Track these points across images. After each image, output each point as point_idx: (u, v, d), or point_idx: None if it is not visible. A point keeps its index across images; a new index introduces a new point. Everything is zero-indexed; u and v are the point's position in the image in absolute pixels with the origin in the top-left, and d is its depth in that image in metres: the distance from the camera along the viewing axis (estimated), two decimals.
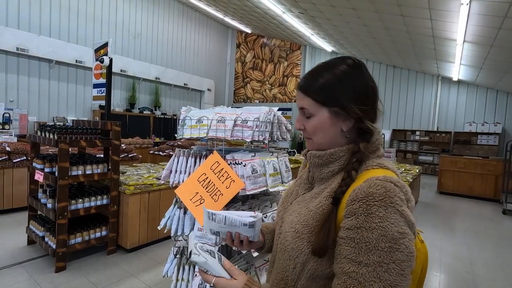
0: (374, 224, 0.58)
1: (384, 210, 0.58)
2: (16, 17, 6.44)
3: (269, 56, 11.97)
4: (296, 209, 0.77)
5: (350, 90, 0.71)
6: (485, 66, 6.66)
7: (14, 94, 6.52)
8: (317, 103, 0.72)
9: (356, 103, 0.70)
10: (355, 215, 0.60)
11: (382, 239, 0.57)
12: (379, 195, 0.59)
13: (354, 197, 0.62)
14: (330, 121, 0.72)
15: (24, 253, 2.98)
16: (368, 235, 0.58)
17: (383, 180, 0.62)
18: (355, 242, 0.59)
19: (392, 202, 0.59)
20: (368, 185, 0.61)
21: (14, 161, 4.18)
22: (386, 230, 0.57)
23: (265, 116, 1.52)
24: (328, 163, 0.74)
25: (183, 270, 1.58)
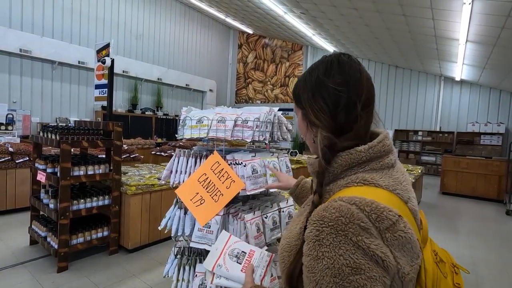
0: (320, 253, 0.51)
1: (333, 238, 0.50)
2: (19, 18, 6.49)
3: (270, 57, 11.97)
4: (291, 223, 0.72)
5: (306, 91, 0.66)
6: (488, 65, 6.62)
7: (17, 95, 6.56)
8: (295, 104, 0.73)
9: (310, 106, 0.65)
10: (307, 239, 0.54)
11: (327, 272, 0.50)
12: (330, 220, 0.52)
13: (309, 220, 0.55)
14: (303, 123, 0.70)
15: (27, 253, 2.99)
16: (314, 264, 0.52)
17: (344, 202, 0.53)
18: (306, 270, 0.54)
19: (344, 229, 0.50)
20: (324, 208, 0.54)
21: (17, 162, 4.21)
22: (332, 262, 0.50)
23: (265, 116, 1.52)
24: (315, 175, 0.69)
25: (183, 271, 1.58)
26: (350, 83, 0.63)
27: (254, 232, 1.42)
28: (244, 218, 1.42)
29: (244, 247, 0.80)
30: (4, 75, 6.35)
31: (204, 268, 1.49)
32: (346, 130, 0.63)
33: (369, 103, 0.65)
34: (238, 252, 0.78)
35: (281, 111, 1.66)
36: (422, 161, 9.40)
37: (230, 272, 0.76)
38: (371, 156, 0.61)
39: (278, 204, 1.64)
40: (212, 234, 1.43)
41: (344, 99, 0.62)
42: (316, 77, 0.65)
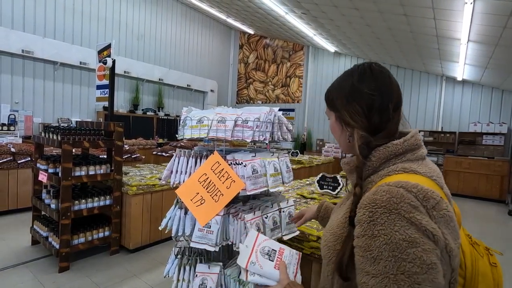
0: (376, 231, 0.56)
1: (387, 217, 0.56)
2: (22, 19, 6.52)
3: (271, 57, 11.97)
4: (332, 218, 0.79)
5: (341, 96, 0.75)
6: (490, 65, 6.59)
7: (19, 96, 6.59)
8: (328, 108, 0.81)
9: (346, 110, 0.73)
10: (359, 222, 0.60)
11: (385, 248, 0.54)
12: (382, 201, 0.57)
13: (360, 205, 0.62)
14: (337, 126, 0.78)
15: (28, 253, 3.01)
16: (370, 243, 0.56)
17: (392, 186, 0.59)
18: (362, 250, 0.58)
19: (397, 208, 0.55)
20: (374, 192, 0.60)
21: (18, 162, 4.22)
22: (389, 238, 0.54)
23: (265, 116, 1.52)
24: (353, 170, 0.74)
25: (183, 271, 1.58)
26: (382, 88, 0.72)
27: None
28: (244, 218, 1.42)
29: (273, 245, 0.83)
30: (7, 76, 6.37)
31: (204, 268, 1.49)
32: (380, 129, 0.71)
33: (399, 105, 0.75)
34: (268, 249, 0.81)
35: (282, 111, 1.66)
36: None
37: (264, 269, 0.78)
38: (406, 148, 0.68)
39: (279, 204, 1.64)
40: (212, 234, 1.43)
41: (377, 102, 0.71)
42: (351, 84, 0.74)
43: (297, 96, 11.46)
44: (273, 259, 0.80)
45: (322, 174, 2.78)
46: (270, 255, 0.81)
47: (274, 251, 0.82)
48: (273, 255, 0.81)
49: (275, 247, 0.83)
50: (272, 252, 0.81)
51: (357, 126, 0.71)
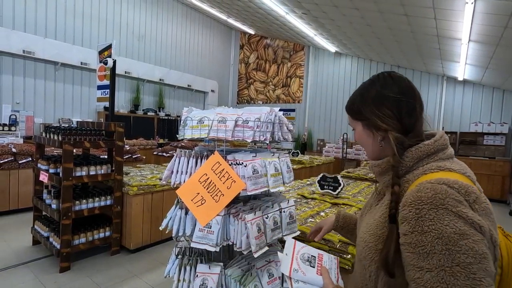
0: (425, 227, 0.58)
1: (435, 212, 0.58)
2: (23, 20, 6.53)
3: (272, 57, 11.97)
4: (367, 220, 0.81)
5: (369, 104, 0.79)
6: (491, 65, 6.58)
7: (20, 96, 6.60)
8: (352, 118, 0.86)
9: (376, 115, 0.77)
10: (406, 220, 0.61)
11: (437, 242, 0.56)
12: (428, 198, 0.60)
13: (404, 203, 0.64)
14: (365, 134, 0.81)
15: (29, 253, 3.01)
16: (421, 238, 0.58)
17: (434, 183, 0.62)
18: (412, 247, 0.60)
19: (443, 203, 0.58)
20: (417, 190, 0.62)
21: (20, 162, 4.23)
22: (440, 232, 0.57)
23: (266, 116, 1.52)
24: (386, 171, 0.77)
25: (184, 271, 1.58)
26: (406, 91, 0.77)
27: (255, 233, 1.42)
28: (245, 219, 1.42)
29: (312, 251, 0.85)
30: (8, 76, 6.39)
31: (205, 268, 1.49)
32: (410, 130, 0.76)
33: (422, 106, 0.80)
34: (308, 256, 0.82)
35: (282, 112, 1.66)
36: None
37: (307, 276, 0.79)
38: (437, 148, 0.73)
39: (279, 204, 1.64)
40: (213, 235, 1.43)
41: (405, 104, 0.76)
42: (377, 91, 0.79)
43: (298, 96, 11.45)
44: (314, 265, 0.82)
45: (322, 174, 2.78)
46: (311, 262, 0.82)
47: (313, 257, 0.83)
48: (313, 261, 0.82)
49: (314, 253, 0.84)
50: (312, 258, 0.83)
51: (390, 128, 0.75)
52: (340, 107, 10.26)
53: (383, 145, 0.78)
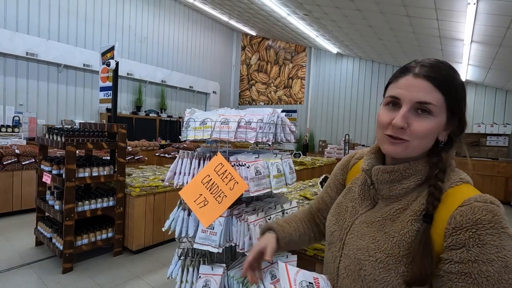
0: (492, 255, 0.52)
1: (499, 238, 0.53)
2: (26, 22, 6.58)
3: (274, 58, 11.99)
4: (367, 233, 0.68)
5: (465, 97, 0.65)
6: (494, 66, 6.56)
7: (23, 98, 6.64)
8: (445, 103, 0.62)
9: (463, 113, 0.65)
10: (465, 246, 0.54)
11: (505, 271, 0.51)
12: (489, 221, 0.53)
13: (458, 225, 0.55)
14: (442, 127, 0.64)
15: (32, 254, 3.02)
16: (488, 268, 0.52)
17: (484, 202, 0.56)
18: (472, 277, 0.52)
19: (503, 227, 0.53)
20: (471, 211, 0.55)
21: (23, 163, 4.25)
22: (506, 260, 0.51)
23: (268, 117, 1.52)
24: (401, 178, 0.65)
25: (187, 272, 1.58)
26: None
27: (258, 234, 1.42)
28: (247, 220, 1.42)
29: (307, 276, 0.79)
30: (11, 78, 6.43)
31: (207, 270, 1.49)
32: None
33: None
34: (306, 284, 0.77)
35: (285, 113, 1.66)
36: None
37: None
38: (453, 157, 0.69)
39: (282, 205, 1.64)
40: (215, 236, 1.43)
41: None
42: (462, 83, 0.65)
43: (299, 97, 11.45)
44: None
45: (324, 175, 2.78)
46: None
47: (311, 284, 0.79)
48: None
49: (310, 278, 0.79)
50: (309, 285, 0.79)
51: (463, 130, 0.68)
52: (342, 108, 10.25)
53: (442, 146, 0.67)
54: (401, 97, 0.62)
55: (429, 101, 0.60)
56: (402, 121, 0.61)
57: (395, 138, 0.63)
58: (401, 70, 0.66)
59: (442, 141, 0.66)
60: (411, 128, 0.61)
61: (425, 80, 0.61)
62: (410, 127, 0.61)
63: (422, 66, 0.63)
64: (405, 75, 0.63)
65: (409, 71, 0.63)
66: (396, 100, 0.63)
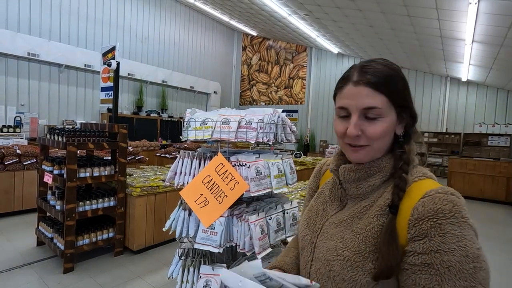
0: (452, 244, 0.52)
1: (459, 228, 0.53)
2: (28, 23, 6.60)
3: (274, 59, 11.99)
4: (336, 233, 0.67)
5: (408, 88, 0.67)
6: (495, 66, 6.54)
7: (25, 98, 6.66)
8: (390, 102, 0.63)
9: (411, 103, 0.67)
10: (426, 236, 0.54)
11: (466, 260, 0.52)
12: (449, 211, 0.54)
13: (420, 216, 0.56)
14: (395, 124, 0.65)
15: (34, 254, 3.03)
16: (449, 258, 0.52)
17: (444, 193, 0.56)
18: (435, 268, 0.53)
19: (463, 216, 0.54)
20: (432, 201, 0.56)
21: (24, 164, 4.26)
22: (467, 250, 0.52)
23: (269, 117, 1.52)
24: (367, 176, 0.66)
25: (187, 272, 1.59)
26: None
27: (258, 234, 1.42)
28: (248, 220, 1.42)
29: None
30: (13, 79, 6.45)
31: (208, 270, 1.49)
32: None
33: None
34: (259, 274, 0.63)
35: (285, 113, 1.66)
36: (428, 163, 9.27)
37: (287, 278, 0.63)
38: (415, 153, 0.69)
39: (282, 205, 1.64)
40: (216, 236, 1.43)
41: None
42: (402, 76, 0.67)
43: (300, 97, 11.45)
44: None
45: None
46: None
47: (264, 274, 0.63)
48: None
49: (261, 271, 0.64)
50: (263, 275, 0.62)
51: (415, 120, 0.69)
52: None
53: (402, 139, 0.67)
54: (349, 107, 0.64)
55: (374, 106, 0.62)
56: (355, 130, 0.63)
57: (356, 146, 0.65)
58: (342, 80, 0.68)
59: (400, 135, 0.67)
60: (366, 134, 0.63)
61: (365, 87, 0.62)
62: (365, 132, 0.63)
63: (359, 72, 0.64)
64: (346, 84, 0.65)
65: (348, 80, 0.65)
66: (345, 110, 0.65)
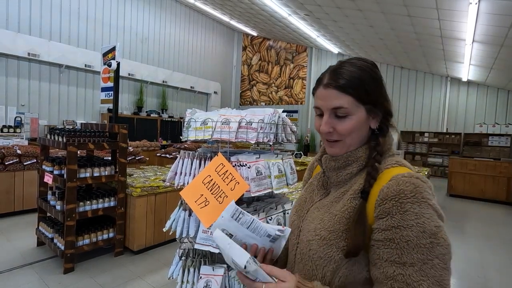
0: (411, 221, 0.58)
1: (418, 206, 0.58)
2: (28, 23, 6.61)
3: (275, 59, 11.99)
4: (317, 216, 0.74)
5: (379, 86, 0.72)
6: (496, 66, 6.53)
7: (25, 98, 6.67)
8: (357, 101, 0.69)
9: (385, 99, 0.72)
10: (389, 214, 0.60)
11: (423, 236, 0.57)
12: (410, 191, 0.59)
13: (384, 196, 0.61)
14: (365, 120, 0.71)
15: (34, 254, 3.03)
16: (407, 233, 0.57)
17: (409, 177, 0.62)
18: (395, 242, 0.58)
19: (424, 197, 0.59)
20: (396, 183, 0.61)
21: (24, 164, 4.26)
22: (424, 226, 0.57)
23: (269, 117, 1.52)
24: (346, 165, 0.73)
25: (188, 272, 1.58)
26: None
27: None
28: None
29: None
30: (13, 79, 6.46)
31: (208, 270, 1.49)
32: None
33: None
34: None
35: (286, 113, 1.66)
36: (429, 163, 9.29)
37: None
38: (392, 143, 0.75)
39: (283, 206, 1.64)
40: None
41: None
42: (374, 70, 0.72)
43: (301, 97, 11.45)
44: None
45: None
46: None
47: None
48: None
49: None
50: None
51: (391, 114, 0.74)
52: None
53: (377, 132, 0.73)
54: (321, 107, 0.72)
55: (340, 106, 0.69)
56: (326, 127, 0.71)
57: (332, 141, 0.72)
58: (316, 82, 0.74)
59: (376, 128, 0.72)
60: (337, 130, 0.70)
61: (332, 89, 0.69)
62: (336, 129, 0.70)
63: (329, 75, 0.71)
64: (318, 87, 0.73)
65: (320, 82, 0.72)
66: (319, 109, 0.73)
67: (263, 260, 0.74)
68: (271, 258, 0.74)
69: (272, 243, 0.73)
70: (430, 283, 0.55)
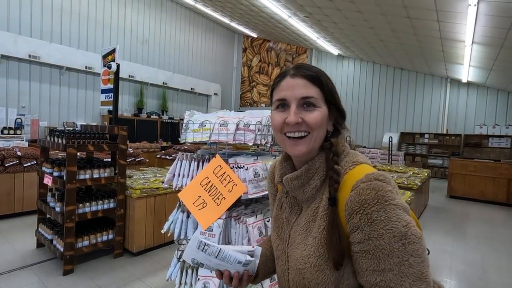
0: (380, 230, 0.58)
1: (384, 212, 0.58)
2: (29, 25, 6.64)
3: (275, 60, 12.01)
4: (301, 241, 0.72)
5: (336, 91, 0.72)
6: (495, 67, 6.54)
7: (26, 100, 6.69)
8: (323, 96, 0.69)
9: (340, 102, 0.73)
10: (359, 228, 0.60)
11: (394, 240, 0.57)
12: (372, 199, 0.59)
13: (350, 211, 0.61)
14: (327, 118, 0.70)
15: (33, 256, 3.03)
16: (380, 242, 0.58)
17: (368, 182, 0.61)
18: (371, 253, 0.59)
19: (386, 200, 0.59)
20: (357, 194, 0.61)
21: (24, 165, 4.27)
22: (393, 231, 0.57)
23: (267, 119, 1.53)
24: (308, 180, 0.70)
25: (186, 274, 1.58)
26: None
27: (256, 236, 1.42)
28: (246, 222, 1.42)
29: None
30: (14, 81, 6.48)
31: (206, 272, 1.49)
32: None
33: None
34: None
35: None
36: (429, 164, 9.28)
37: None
38: (345, 144, 0.74)
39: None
40: (214, 238, 1.43)
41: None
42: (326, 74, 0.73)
43: None
44: None
45: None
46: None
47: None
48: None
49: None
50: None
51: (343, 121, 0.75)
52: None
53: (329, 135, 0.72)
54: (287, 98, 0.68)
55: (310, 95, 0.67)
56: (295, 117, 0.67)
57: (297, 138, 0.68)
58: (280, 76, 0.73)
59: (329, 132, 0.72)
60: (305, 120, 0.67)
61: (302, 78, 0.68)
62: (304, 119, 0.67)
63: (295, 68, 0.71)
64: (284, 78, 0.71)
65: (286, 74, 0.71)
66: (284, 101, 0.69)
67: (240, 281, 0.76)
68: (248, 276, 0.76)
69: (245, 267, 0.73)
70: (411, 281, 0.56)
